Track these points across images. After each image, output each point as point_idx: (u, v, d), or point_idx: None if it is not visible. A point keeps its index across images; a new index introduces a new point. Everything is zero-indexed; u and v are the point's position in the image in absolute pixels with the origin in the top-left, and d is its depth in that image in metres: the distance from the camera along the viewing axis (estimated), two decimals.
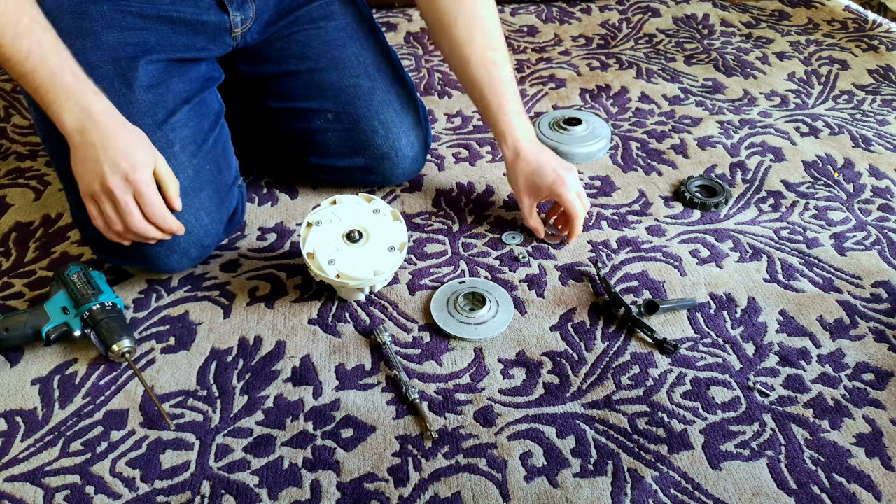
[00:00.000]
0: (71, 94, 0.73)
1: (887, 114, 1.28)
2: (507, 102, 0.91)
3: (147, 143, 0.76)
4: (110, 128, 0.74)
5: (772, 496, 0.68)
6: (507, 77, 0.92)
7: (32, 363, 0.82)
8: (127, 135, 0.74)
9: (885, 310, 0.88)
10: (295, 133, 1.03)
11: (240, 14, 0.89)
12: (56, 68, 0.72)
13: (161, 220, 0.77)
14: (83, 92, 0.73)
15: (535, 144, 0.93)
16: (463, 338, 0.84)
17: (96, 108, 0.73)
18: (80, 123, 0.73)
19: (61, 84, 0.72)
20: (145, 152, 0.75)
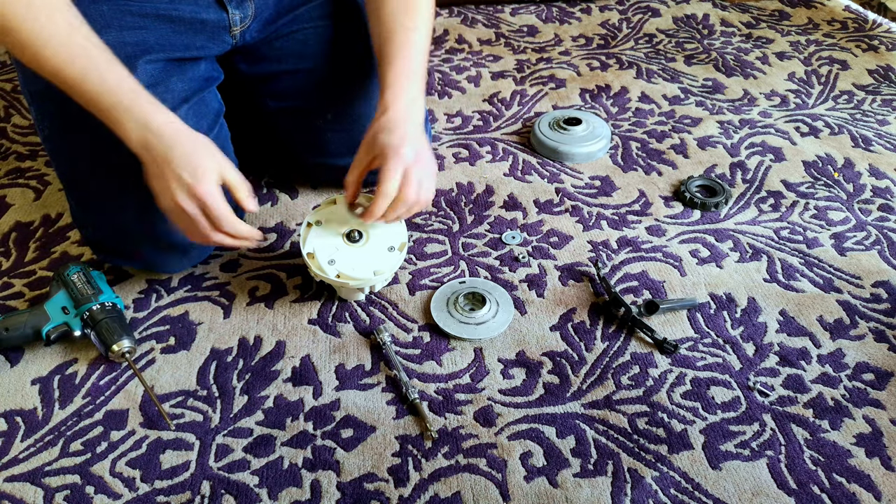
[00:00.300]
0: (130, 111, 0.72)
1: (887, 114, 1.28)
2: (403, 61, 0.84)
3: (210, 150, 0.74)
4: (171, 140, 0.72)
5: (772, 496, 0.68)
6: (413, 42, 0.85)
7: (32, 363, 0.82)
8: (188, 145, 0.73)
9: (885, 310, 0.88)
10: (294, 133, 1.03)
11: (239, 12, 0.89)
12: (113, 87, 0.71)
13: (231, 230, 0.75)
14: (141, 107, 0.72)
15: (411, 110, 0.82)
16: (463, 338, 0.84)
17: (155, 121, 0.72)
18: (143, 139, 0.73)
19: (120, 103, 0.72)
20: (208, 161, 0.73)
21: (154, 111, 0.72)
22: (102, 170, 0.81)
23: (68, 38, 0.69)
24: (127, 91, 0.71)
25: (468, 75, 1.40)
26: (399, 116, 0.81)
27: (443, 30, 1.59)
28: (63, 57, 0.69)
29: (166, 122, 0.72)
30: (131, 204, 0.82)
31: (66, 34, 0.69)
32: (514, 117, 1.27)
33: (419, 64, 0.85)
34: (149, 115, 0.72)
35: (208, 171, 0.72)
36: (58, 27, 0.69)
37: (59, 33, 0.69)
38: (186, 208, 0.73)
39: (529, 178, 1.12)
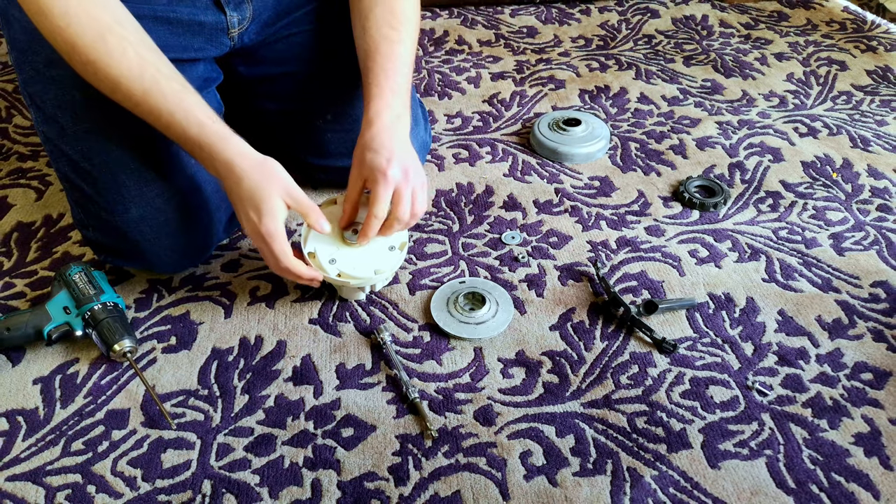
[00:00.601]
0: (202, 145, 0.74)
1: (886, 114, 1.28)
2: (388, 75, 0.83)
3: (275, 181, 0.75)
4: (239, 174, 0.74)
5: (770, 495, 0.68)
6: (398, 55, 0.84)
7: (34, 363, 0.82)
8: (254, 177, 0.74)
9: (883, 309, 0.89)
10: (294, 134, 1.03)
11: (237, 14, 0.90)
12: (182, 122, 0.73)
13: (292, 270, 0.78)
14: (209, 141, 0.73)
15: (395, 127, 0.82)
16: (463, 337, 0.84)
17: (222, 156, 0.74)
18: (217, 173, 0.75)
19: (191, 139, 0.73)
20: (273, 196, 0.74)
21: (222, 146, 0.74)
22: (103, 170, 0.82)
23: (141, 73, 0.71)
24: (195, 125, 0.73)
25: (468, 76, 1.41)
26: (384, 135, 0.80)
27: (443, 31, 1.60)
28: (138, 95, 0.71)
29: (234, 155, 0.74)
30: (132, 205, 0.83)
31: (137, 70, 0.71)
32: (513, 118, 1.28)
33: (404, 77, 0.84)
34: (216, 149, 0.74)
35: (273, 207, 0.74)
36: (130, 63, 0.70)
37: (132, 69, 0.70)
38: (257, 244, 0.77)
39: (529, 178, 1.12)
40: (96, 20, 0.69)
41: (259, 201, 0.74)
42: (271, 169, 0.75)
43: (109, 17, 0.70)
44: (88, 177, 0.82)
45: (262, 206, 0.74)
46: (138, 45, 0.71)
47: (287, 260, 0.77)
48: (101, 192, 0.82)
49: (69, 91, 0.80)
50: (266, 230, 0.74)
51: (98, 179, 0.82)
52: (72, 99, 0.80)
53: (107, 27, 0.69)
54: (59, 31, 0.69)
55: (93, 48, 0.69)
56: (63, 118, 0.82)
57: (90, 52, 0.69)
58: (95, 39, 0.69)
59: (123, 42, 0.70)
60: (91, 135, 0.81)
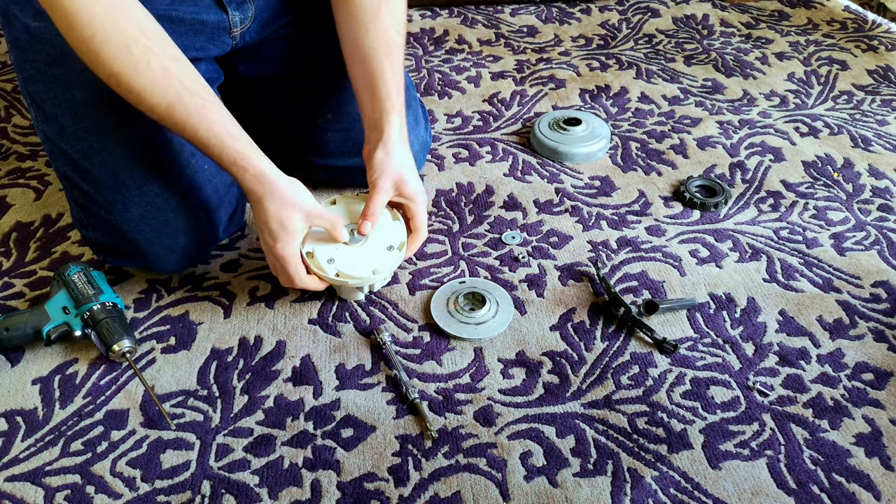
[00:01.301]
0: (223, 164, 0.75)
1: (887, 114, 1.28)
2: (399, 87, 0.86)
3: (294, 206, 0.77)
4: (261, 193, 0.76)
5: (771, 496, 0.68)
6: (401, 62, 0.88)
7: (33, 363, 0.82)
8: (277, 199, 0.76)
9: (884, 310, 0.88)
10: (294, 133, 1.03)
11: (239, 14, 0.89)
12: (204, 139, 0.73)
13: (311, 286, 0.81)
14: (232, 161, 0.74)
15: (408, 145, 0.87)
16: (463, 338, 0.84)
17: (243, 176, 0.75)
18: (242, 186, 0.77)
19: (214, 155, 0.74)
20: (292, 221, 0.76)
21: (244, 166, 0.75)
22: (103, 170, 0.81)
23: (165, 86, 0.71)
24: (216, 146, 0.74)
25: (468, 76, 1.41)
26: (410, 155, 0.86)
27: (443, 30, 1.59)
28: (162, 109, 0.72)
29: (255, 179, 0.75)
30: (132, 204, 0.82)
31: (162, 83, 0.71)
32: (513, 117, 1.28)
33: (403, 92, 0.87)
34: (238, 169, 0.75)
35: (292, 231, 0.77)
36: (154, 76, 0.70)
37: (156, 82, 0.70)
38: (269, 260, 0.81)
39: (529, 178, 1.12)
40: (122, 32, 0.68)
41: (276, 227, 0.76)
42: (291, 192, 0.77)
43: (135, 27, 0.69)
44: (88, 176, 0.82)
45: (278, 232, 0.77)
46: (162, 56, 0.71)
47: (300, 280, 0.80)
48: (101, 191, 0.82)
49: (69, 90, 0.80)
50: (282, 254, 0.78)
51: (98, 179, 0.82)
52: (72, 98, 0.80)
53: (132, 38, 0.69)
54: (84, 41, 0.68)
55: (118, 59, 0.68)
56: (63, 117, 0.81)
57: (114, 64, 0.69)
58: (121, 50, 0.68)
59: (147, 53, 0.69)
60: (91, 134, 0.81)
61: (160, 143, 0.82)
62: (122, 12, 0.69)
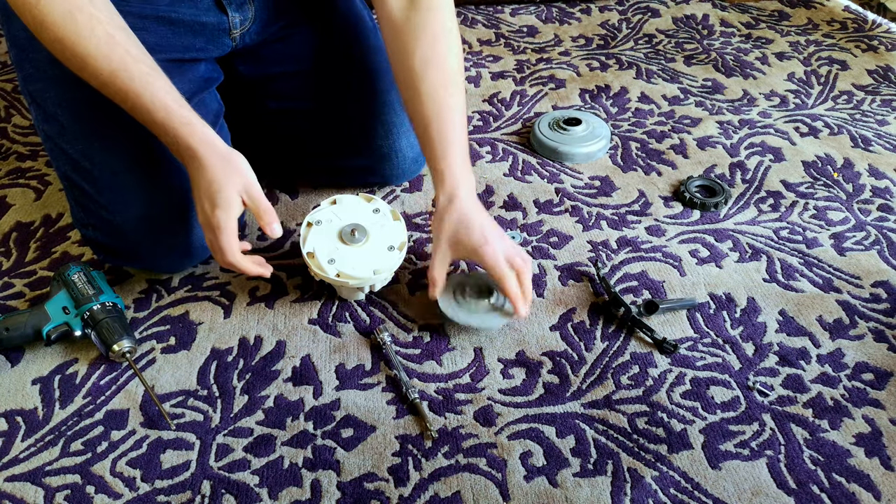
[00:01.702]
0: (166, 130, 0.73)
1: (887, 114, 1.28)
2: (453, 147, 0.83)
3: (235, 175, 0.74)
4: (201, 162, 0.74)
5: (771, 496, 0.68)
6: (457, 121, 0.84)
7: (33, 363, 0.82)
8: (215, 169, 0.73)
9: (884, 310, 0.88)
10: (294, 133, 1.03)
11: (239, 15, 0.89)
12: (148, 104, 0.72)
13: (237, 266, 0.76)
14: (173, 125, 0.73)
15: (473, 199, 0.83)
16: (473, 326, 0.83)
17: (185, 142, 0.73)
18: (181, 158, 0.75)
19: (157, 122, 0.73)
20: (230, 188, 0.74)
21: (187, 132, 0.73)
22: (103, 169, 0.81)
23: (109, 52, 0.70)
24: (161, 109, 0.72)
25: (468, 76, 1.40)
26: (469, 205, 0.82)
27: None
28: (105, 75, 0.71)
29: (198, 143, 0.73)
30: (132, 204, 0.83)
31: (106, 49, 0.70)
32: (513, 117, 1.28)
33: (462, 140, 0.85)
34: (181, 135, 0.73)
35: (227, 200, 0.73)
36: (98, 41, 0.69)
37: (100, 48, 0.70)
38: (206, 232, 0.76)
39: (529, 178, 1.12)
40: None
41: (215, 192, 0.73)
42: (234, 163, 0.75)
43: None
44: (88, 175, 0.82)
45: (216, 198, 0.73)
46: (108, 25, 0.70)
47: (231, 255, 0.75)
48: (101, 190, 0.82)
49: (70, 89, 0.80)
50: (217, 222, 0.73)
51: (98, 178, 0.82)
52: (73, 97, 0.80)
53: (77, 5, 0.68)
54: (29, 7, 0.68)
55: (62, 25, 0.68)
56: (63, 117, 0.82)
57: (58, 29, 0.68)
58: (64, 16, 0.68)
59: (93, 20, 0.69)
60: (91, 133, 0.81)
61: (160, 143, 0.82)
62: None
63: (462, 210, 0.81)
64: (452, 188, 0.82)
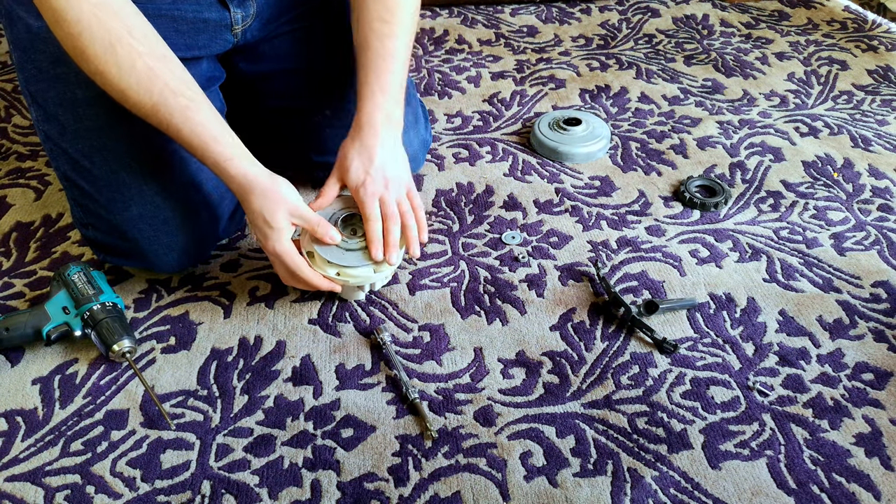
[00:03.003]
0: (210, 164, 0.76)
1: (887, 114, 1.28)
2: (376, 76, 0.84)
3: (280, 200, 0.76)
4: (244, 191, 0.76)
5: (771, 496, 0.68)
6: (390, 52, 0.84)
7: (33, 363, 0.82)
8: (258, 197, 0.76)
9: (884, 310, 0.88)
10: (295, 131, 1.03)
11: (241, 11, 0.90)
12: (188, 139, 0.74)
13: (307, 283, 0.80)
14: (215, 161, 0.75)
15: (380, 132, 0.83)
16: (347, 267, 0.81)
17: (227, 175, 0.76)
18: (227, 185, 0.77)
19: (198, 155, 0.75)
20: (278, 214, 0.76)
21: (227, 166, 0.75)
22: (103, 168, 0.82)
23: (150, 86, 0.71)
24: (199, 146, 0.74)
25: (468, 76, 1.41)
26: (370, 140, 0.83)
27: (443, 30, 1.59)
28: (147, 108, 0.72)
29: (239, 175, 0.76)
30: (132, 203, 0.83)
31: (147, 83, 0.71)
32: (513, 117, 1.28)
33: (396, 74, 0.84)
34: (222, 169, 0.76)
35: (277, 227, 0.77)
36: (139, 76, 0.71)
37: (141, 82, 0.71)
38: (271, 259, 0.81)
39: (529, 178, 1.12)
40: (108, 30, 0.69)
41: (264, 223, 0.77)
42: (277, 190, 0.77)
43: (121, 26, 0.70)
44: (88, 175, 0.82)
45: (266, 228, 0.77)
46: (148, 57, 0.71)
47: (303, 272, 0.79)
48: (101, 190, 0.82)
49: (71, 89, 0.80)
50: (274, 250, 0.78)
51: (98, 178, 0.82)
52: (73, 97, 0.80)
53: (117, 37, 0.69)
54: (71, 38, 0.69)
55: (102, 59, 0.69)
56: (64, 116, 0.82)
57: (100, 63, 0.70)
58: (106, 49, 0.69)
59: (133, 53, 0.70)
60: (92, 133, 0.81)
61: (160, 142, 0.82)
62: (109, 10, 0.69)
63: (362, 141, 0.83)
64: (362, 118, 0.83)
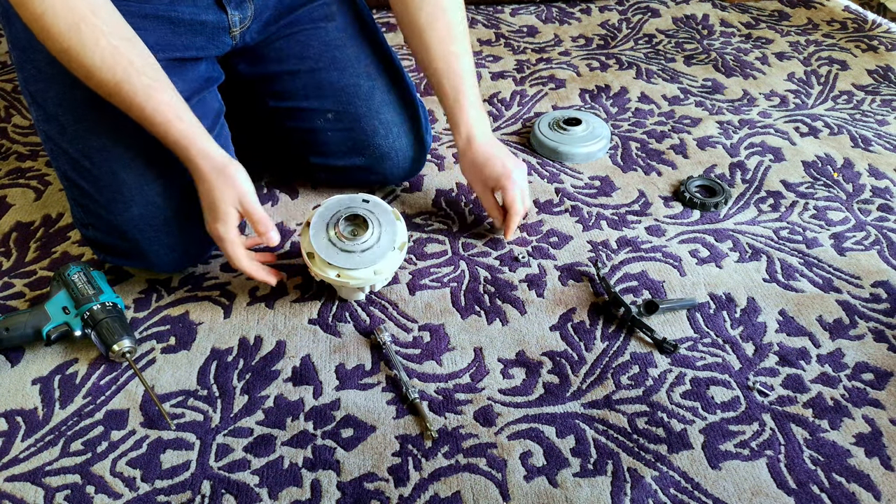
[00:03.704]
0: (167, 142, 0.77)
1: (887, 114, 1.28)
2: (463, 94, 0.93)
3: (229, 187, 0.77)
4: (199, 175, 0.77)
5: (771, 496, 0.68)
6: (465, 69, 0.93)
7: (33, 363, 0.82)
8: (210, 183, 0.77)
9: (884, 310, 0.88)
10: (295, 133, 1.03)
11: (238, 13, 0.90)
12: (150, 117, 0.75)
13: (243, 270, 0.81)
14: (175, 139, 0.76)
15: (487, 136, 0.95)
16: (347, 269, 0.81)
17: (185, 154, 0.77)
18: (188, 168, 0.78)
19: (159, 134, 0.76)
20: (225, 201, 0.77)
21: (185, 144, 0.76)
22: (103, 168, 0.82)
23: (113, 64, 0.72)
24: (161, 123, 0.75)
25: None
26: (484, 144, 0.94)
27: None
28: (111, 86, 0.73)
29: (196, 156, 0.76)
30: (132, 203, 0.83)
31: (111, 61, 0.72)
32: (513, 117, 1.27)
33: (473, 86, 0.94)
34: (181, 147, 0.76)
35: (223, 213, 0.78)
36: (103, 53, 0.71)
37: (105, 60, 0.71)
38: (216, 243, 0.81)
39: (529, 178, 1.12)
40: (71, 9, 0.69)
41: (212, 205, 0.78)
42: (229, 175, 0.77)
43: (84, 6, 0.70)
44: (88, 175, 0.82)
45: (214, 209, 0.78)
46: (112, 36, 0.72)
47: (238, 262, 0.80)
48: (101, 190, 0.82)
49: (71, 89, 0.80)
50: (217, 233, 0.79)
51: (98, 178, 0.82)
52: (73, 97, 0.80)
53: (81, 16, 0.70)
54: (35, 18, 0.69)
55: (66, 37, 0.70)
56: (64, 116, 0.82)
57: (64, 41, 0.70)
58: (70, 28, 0.69)
59: (97, 32, 0.70)
60: (92, 133, 0.81)
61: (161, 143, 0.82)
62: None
63: (480, 148, 0.93)
64: (468, 131, 0.93)
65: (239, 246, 0.80)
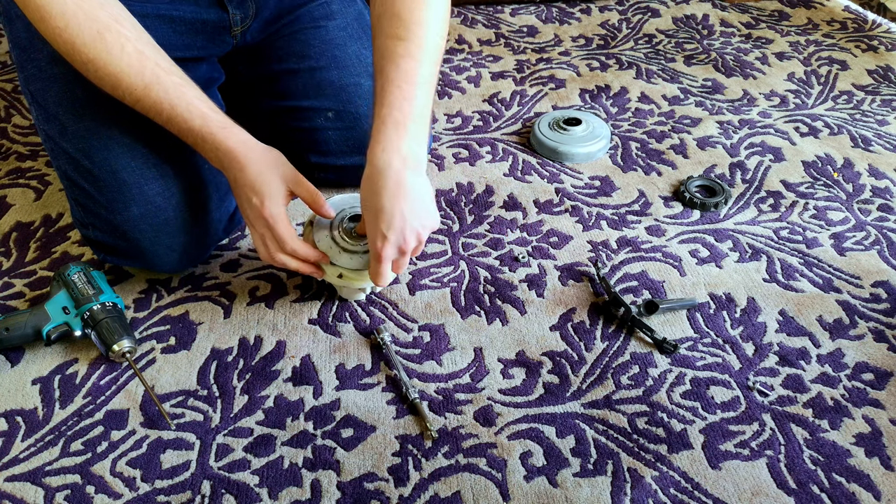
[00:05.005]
0: (204, 137, 0.75)
1: (887, 114, 1.28)
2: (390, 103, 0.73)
3: (278, 167, 0.76)
4: (242, 161, 0.75)
5: (771, 496, 0.68)
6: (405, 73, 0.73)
7: (33, 363, 0.82)
8: (258, 165, 0.75)
9: (884, 310, 0.88)
10: (295, 132, 1.03)
11: (239, 12, 0.90)
12: (184, 114, 0.74)
13: (293, 249, 0.77)
14: (212, 132, 0.74)
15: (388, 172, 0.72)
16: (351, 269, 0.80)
17: (225, 145, 0.75)
18: (220, 163, 0.76)
19: (194, 130, 0.75)
20: (275, 181, 0.75)
21: (225, 135, 0.75)
22: (104, 168, 0.82)
23: (141, 68, 0.72)
24: (197, 117, 0.74)
25: (468, 75, 1.40)
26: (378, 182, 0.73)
27: None
28: (140, 90, 0.72)
29: (238, 143, 0.75)
30: (132, 203, 0.83)
31: (138, 65, 0.72)
32: (513, 117, 1.28)
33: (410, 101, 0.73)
34: (219, 139, 0.75)
35: (276, 191, 0.75)
36: (130, 59, 0.71)
37: (132, 65, 0.71)
38: (256, 228, 0.77)
39: (529, 178, 1.12)
40: (93, 19, 0.69)
41: (262, 186, 0.75)
42: (275, 157, 0.77)
43: (106, 15, 0.70)
44: (89, 175, 0.82)
45: (264, 191, 0.75)
46: (136, 42, 0.72)
47: (293, 242, 0.77)
48: (102, 190, 0.82)
49: (71, 89, 0.80)
50: (269, 213, 0.75)
51: (98, 178, 0.82)
52: (73, 97, 0.80)
53: (104, 25, 0.70)
54: (57, 32, 0.69)
55: (92, 47, 0.70)
56: (64, 116, 0.82)
57: (89, 51, 0.70)
58: (94, 38, 0.69)
59: (121, 38, 0.71)
60: (92, 133, 0.81)
61: (162, 143, 0.82)
62: (94, 2, 0.70)
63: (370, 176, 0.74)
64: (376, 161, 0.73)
65: (291, 226, 0.77)
